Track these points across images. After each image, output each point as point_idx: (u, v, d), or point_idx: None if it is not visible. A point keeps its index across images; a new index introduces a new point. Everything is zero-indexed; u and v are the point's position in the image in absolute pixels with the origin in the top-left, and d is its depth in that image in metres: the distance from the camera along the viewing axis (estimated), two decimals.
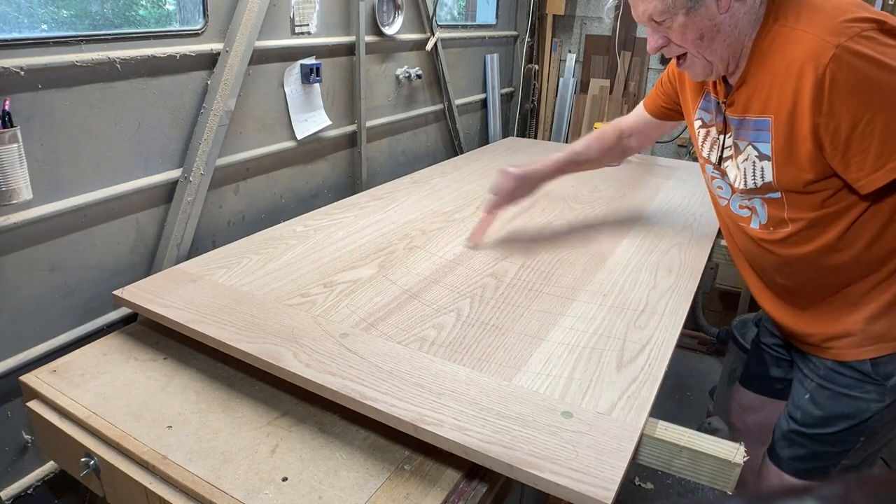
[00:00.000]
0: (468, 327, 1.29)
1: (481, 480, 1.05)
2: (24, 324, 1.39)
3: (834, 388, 1.33)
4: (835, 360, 1.32)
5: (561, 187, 2.26)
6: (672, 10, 1.15)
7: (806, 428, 1.39)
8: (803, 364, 1.43)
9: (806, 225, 1.23)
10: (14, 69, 1.24)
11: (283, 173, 2.05)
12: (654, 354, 1.21)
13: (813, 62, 1.06)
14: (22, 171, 1.26)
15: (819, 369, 1.36)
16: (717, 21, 1.15)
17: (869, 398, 1.29)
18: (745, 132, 1.24)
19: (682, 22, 1.16)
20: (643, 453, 1.08)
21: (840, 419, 1.33)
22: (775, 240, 1.28)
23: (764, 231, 1.30)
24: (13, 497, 1.43)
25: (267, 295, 1.39)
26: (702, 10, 1.14)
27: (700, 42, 1.18)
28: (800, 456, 1.41)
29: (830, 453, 1.38)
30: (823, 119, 1.08)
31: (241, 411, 1.18)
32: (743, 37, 1.18)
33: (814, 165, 1.14)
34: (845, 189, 1.15)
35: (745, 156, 1.25)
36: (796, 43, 1.10)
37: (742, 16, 1.16)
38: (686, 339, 3.16)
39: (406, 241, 1.72)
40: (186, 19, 1.71)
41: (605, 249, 1.70)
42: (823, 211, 1.19)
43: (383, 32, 2.29)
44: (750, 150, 1.23)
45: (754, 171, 1.24)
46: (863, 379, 1.29)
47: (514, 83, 3.54)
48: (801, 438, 1.40)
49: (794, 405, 1.43)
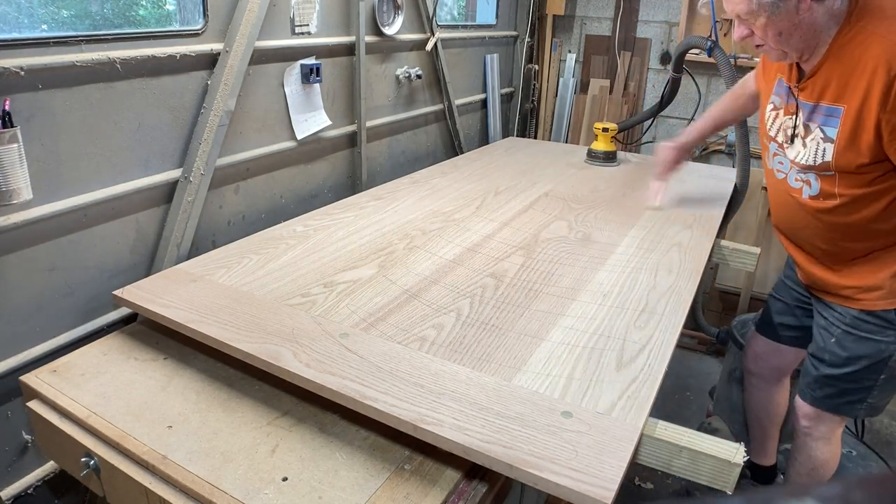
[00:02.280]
0: (468, 327, 1.29)
1: (481, 480, 1.05)
2: (24, 324, 1.39)
3: (858, 333, 1.58)
4: (862, 310, 1.56)
5: (561, 187, 2.26)
6: (756, 13, 1.33)
7: (833, 369, 1.63)
8: (828, 314, 1.66)
9: (851, 199, 1.44)
10: (14, 69, 1.24)
11: (283, 173, 2.05)
12: (654, 354, 1.21)
13: (887, 64, 1.25)
14: (22, 171, 1.26)
15: (845, 318, 1.60)
16: (796, 21, 1.32)
17: (889, 341, 1.55)
18: (817, 116, 1.42)
19: (763, 22, 1.33)
20: (643, 453, 1.08)
21: (863, 359, 1.58)
22: (824, 209, 1.50)
23: (814, 201, 1.51)
24: (13, 497, 1.43)
25: (267, 295, 1.39)
26: (782, 12, 1.31)
27: (778, 38, 1.36)
28: (830, 394, 1.67)
29: (856, 389, 1.62)
30: (888, 115, 1.27)
31: (241, 411, 1.18)
32: (819, 32, 1.35)
33: (870, 151, 1.33)
34: (891, 172, 1.37)
35: (812, 136, 1.44)
36: (873, 45, 1.28)
37: (820, 15, 1.32)
38: (686, 339, 3.16)
39: (406, 241, 1.72)
40: (186, 19, 1.71)
41: (605, 249, 1.70)
42: (869, 189, 1.41)
43: (383, 32, 2.29)
44: (818, 132, 1.42)
45: (816, 151, 1.43)
46: (886, 326, 1.54)
47: (514, 83, 3.54)
48: (829, 380, 1.65)
49: (820, 349, 1.67)
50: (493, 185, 2.27)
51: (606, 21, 3.40)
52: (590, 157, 2.65)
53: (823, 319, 1.67)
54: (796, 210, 1.57)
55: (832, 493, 0.29)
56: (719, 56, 2.29)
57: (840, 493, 0.29)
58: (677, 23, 3.20)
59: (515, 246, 1.71)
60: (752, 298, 3.05)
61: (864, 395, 1.62)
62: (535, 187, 2.25)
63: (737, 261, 2.07)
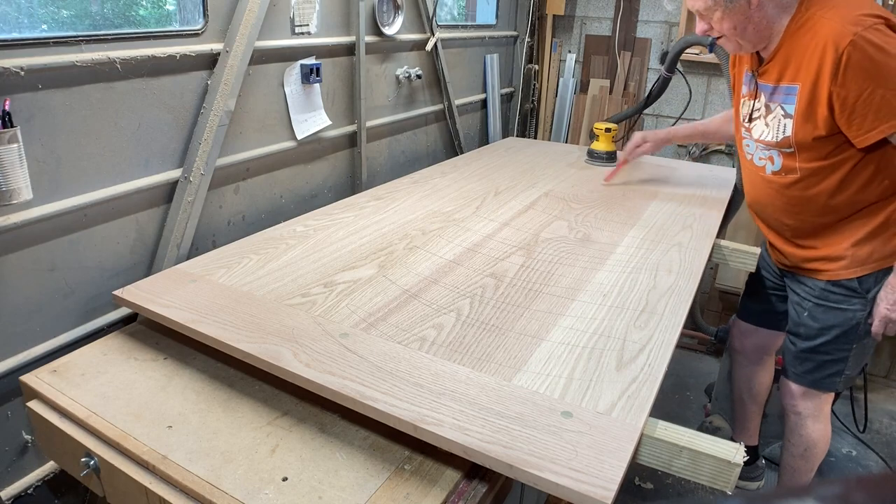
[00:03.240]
0: (468, 327, 1.29)
1: (481, 480, 1.05)
2: (24, 324, 1.39)
3: (827, 304, 1.71)
4: (828, 281, 1.70)
5: (561, 187, 2.26)
6: (713, 8, 1.53)
7: (808, 342, 1.76)
8: (799, 289, 1.80)
9: (810, 173, 1.58)
10: (14, 69, 1.24)
11: (283, 173, 2.05)
12: (654, 354, 1.21)
13: (834, 44, 1.39)
14: (22, 171, 1.26)
15: (814, 290, 1.74)
16: (748, 15, 1.51)
17: (855, 309, 1.67)
18: (777, 96, 1.58)
19: (720, 16, 1.53)
20: (643, 453, 1.08)
21: (834, 328, 1.71)
22: (786, 183, 1.64)
23: (776, 176, 1.66)
24: (13, 497, 1.43)
25: (267, 295, 1.39)
26: (736, 7, 1.50)
27: (734, 30, 1.54)
28: (809, 369, 1.79)
29: (832, 361, 1.74)
30: (837, 88, 1.41)
31: (241, 411, 1.18)
32: (772, 24, 1.53)
33: (825, 124, 1.48)
34: (844, 144, 1.50)
35: (773, 115, 1.60)
36: (823, 27, 1.43)
37: (770, 9, 1.51)
38: (685, 338, 3.16)
39: (406, 241, 1.72)
40: (186, 19, 1.71)
41: (605, 249, 1.70)
42: (826, 161, 1.55)
43: (383, 32, 2.29)
44: (778, 110, 1.58)
45: (778, 127, 1.59)
46: (850, 294, 1.67)
47: (514, 83, 3.54)
48: (806, 354, 1.78)
49: (795, 324, 1.81)
50: (493, 185, 2.27)
51: (606, 21, 3.40)
52: (590, 157, 2.65)
53: (796, 295, 1.81)
54: (763, 187, 1.72)
55: (832, 493, 0.29)
56: (720, 53, 2.29)
57: (840, 493, 0.29)
58: (677, 23, 3.20)
59: (515, 246, 1.71)
60: None
61: (842, 366, 1.74)
62: (535, 187, 2.25)
63: (737, 261, 2.07)
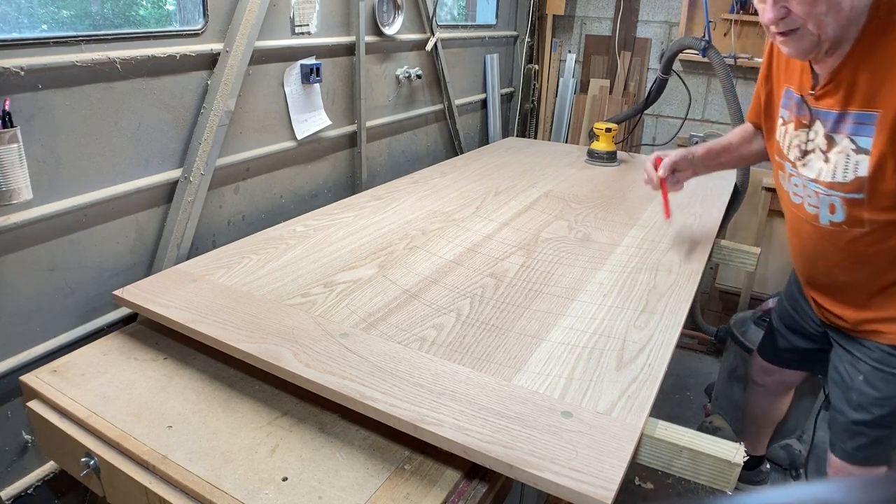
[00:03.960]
0: (468, 327, 1.29)
1: (481, 480, 1.05)
2: (24, 324, 1.39)
3: (889, 370, 1.41)
4: (890, 345, 1.40)
5: (561, 187, 2.26)
6: None
7: (863, 413, 1.46)
8: (853, 348, 1.49)
9: (881, 225, 1.26)
10: (14, 69, 1.24)
11: (283, 173, 2.05)
12: (654, 354, 1.21)
13: None
14: (22, 171, 1.26)
15: (874, 353, 1.43)
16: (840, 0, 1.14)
17: None
18: (845, 126, 1.24)
19: None
20: (643, 453, 1.08)
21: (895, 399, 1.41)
22: (849, 238, 1.32)
23: (836, 228, 1.33)
24: (13, 497, 1.43)
25: (267, 295, 1.39)
26: None
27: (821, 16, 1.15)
28: (862, 445, 1.50)
29: (889, 436, 1.47)
30: None
31: (241, 411, 1.18)
32: (852, 21, 1.17)
33: None
34: None
35: (838, 149, 1.25)
36: None
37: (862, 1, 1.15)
38: (685, 338, 3.16)
39: (406, 241, 1.72)
40: (186, 19, 1.71)
41: (605, 249, 1.70)
42: None
43: (383, 32, 2.29)
44: (846, 143, 1.23)
45: (847, 165, 1.24)
46: None
47: (514, 83, 3.54)
48: (860, 427, 1.48)
49: (843, 388, 1.50)
50: (493, 185, 2.27)
51: (606, 21, 3.40)
52: (590, 157, 2.65)
53: (848, 354, 1.51)
54: (814, 238, 1.40)
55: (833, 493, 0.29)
56: (713, 56, 2.29)
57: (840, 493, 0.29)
58: (677, 23, 3.21)
59: (515, 246, 1.71)
60: (752, 298, 3.05)
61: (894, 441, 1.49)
62: (535, 187, 2.25)
63: (737, 261, 2.07)
